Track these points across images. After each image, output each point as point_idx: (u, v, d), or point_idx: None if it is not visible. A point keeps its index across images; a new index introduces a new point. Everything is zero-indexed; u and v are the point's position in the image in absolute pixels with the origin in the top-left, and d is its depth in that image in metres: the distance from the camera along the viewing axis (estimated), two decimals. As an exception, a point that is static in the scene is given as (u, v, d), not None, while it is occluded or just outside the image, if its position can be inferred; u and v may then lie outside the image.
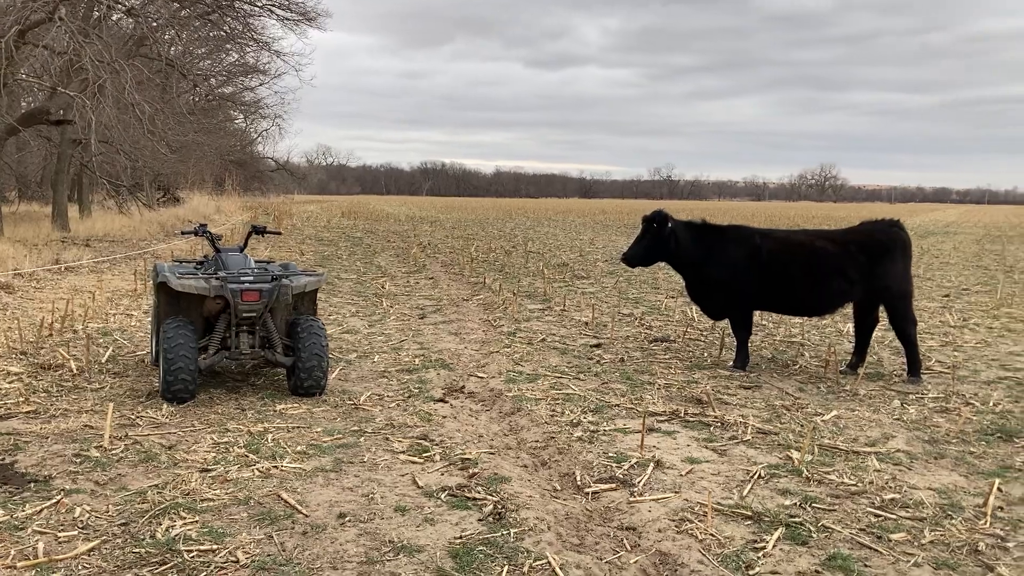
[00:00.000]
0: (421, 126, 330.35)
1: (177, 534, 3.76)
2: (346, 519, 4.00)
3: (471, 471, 4.69)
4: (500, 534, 3.84)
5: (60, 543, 3.66)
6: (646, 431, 5.32)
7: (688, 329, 9.45)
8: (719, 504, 4.25)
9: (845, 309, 7.75)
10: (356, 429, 5.46)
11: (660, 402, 6.25)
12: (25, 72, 17.39)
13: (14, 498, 4.13)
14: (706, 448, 5.22)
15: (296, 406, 5.94)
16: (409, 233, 26.86)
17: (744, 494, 4.41)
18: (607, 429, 5.56)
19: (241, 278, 6.06)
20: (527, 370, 7.28)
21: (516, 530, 3.87)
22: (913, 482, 4.63)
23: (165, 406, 5.78)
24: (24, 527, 3.80)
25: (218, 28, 24.22)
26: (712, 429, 5.60)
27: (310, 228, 28.52)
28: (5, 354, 7.19)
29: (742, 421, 5.72)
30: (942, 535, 3.91)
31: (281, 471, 4.62)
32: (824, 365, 7.50)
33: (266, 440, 5.14)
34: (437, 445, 5.15)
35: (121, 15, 19.94)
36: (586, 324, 9.74)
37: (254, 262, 6.82)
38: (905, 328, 7.12)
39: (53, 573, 3.40)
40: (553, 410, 5.99)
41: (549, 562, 3.56)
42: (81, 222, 23.12)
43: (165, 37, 22.25)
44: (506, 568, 3.52)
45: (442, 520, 4.00)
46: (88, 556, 3.55)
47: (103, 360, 7.19)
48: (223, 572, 3.45)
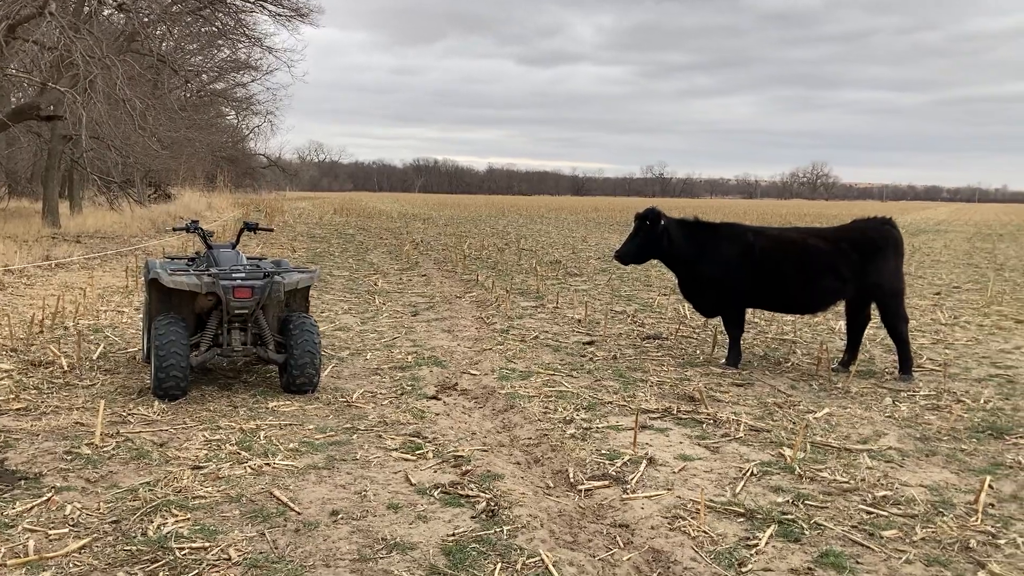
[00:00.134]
0: (414, 123, 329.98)
1: (169, 532, 3.74)
2: (339, 517, 3.99)
3: (464, 468, 4.68)
4: (493, 531, 3.84)
5: (51, 541, 3.64)
6: (639, 428, 5.32)
7: (680, 326, 9.46)
8: (712, 501, 4.25)
9: (837, 307, 7.77)
10: (349, 426, 5.45)
11: (653, 399, 6.26)
12: (15, 67, 17.28)
13: (4, 496, 4.11)
14: (699, 445, 5.22)
15: (288, 403, 5.92)
16: (402, 230, 26.82)
17: (737, 491, 4.42)
18: (600, 426, 5.56)
19: (233, 275, 6.03)
20: (520, 367, 7.27)
21: (509, 527, 3.87)
22: (905, 479, 4.64)
23: (157, 403, 5.75)
24: (14, 525, 3.78)
25: (210, 24, 24.13)
26: (704, 426, 5.61)
27: (302, 225, 28.45)
28: (-5, 351, 7.15)
29: (734, 418, 5.73)
30: (933, 532, 3.92)
31: (273, 468, 4.61)
32: (816, 363, 7.52)
33: (258, 437, 5.12)
34: (430, 442, 5.15)
35: (112, 10, 19.83)
36: (579, 321, 9.75)
37: (246, 259, 6.80)
38: (897, 326, 7.14)
39: (43, 571, 3.38)
40: (546, 407, 5.99)
41: (542, 559, 3.56)
42: (72, 218, 23.02)
43: (156, 32, 22.17)
44: (499, 566, 3.52)
45: (435, 517, 4.00)
46: (79, 554, 3.53)
47: (94, 357, 7.16)
48: (215, 570, 3.43)
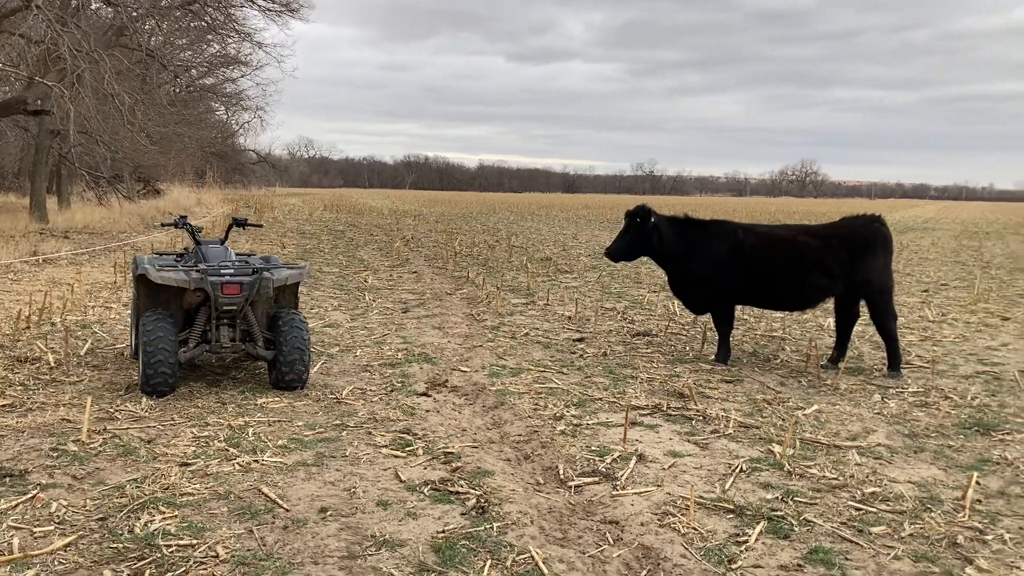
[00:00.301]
0: (404, 119, 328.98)
1: (156, 529, 3.72)
2: (327, 513, 3.97)
3: (454, 465, 4.67)
4: (483, 528, 3.83)
5: (36, 538, 3.61)
6: (629, 425, 5.32)
7: (670, 323, 9.47)
8: (701, 497, 4.26)
9: (826, 304, 7.79)
10: (338, 423, 5.43)
11: (642, 396, 6.26)
12: (1, 61, 17.15)
13: (-11, 493, 4.07)
14: (688, 442, 5.23)
15: (277, 400, 5.90)
16: (392, 227, 26.76)
17: (726, 487, 4.42)
18: (590, 423, 5.56)
19: (221, 271, 6.00)
20: (510, 364, 7.26)
21: (499, 524, 3.86)
22: (893, 476, 4.66)
23: (144, 400, 5.72)
24: (-1, 522, 3.74)
25: (199, 18, 23.99)
26: (694, 423, 5.61)
27: (292, 221, 28.35)
28: (-19, 347, 7.09)
29: (724, 415, 5.74)
30: (922, 528, 3.94)
31: (262, 465, 4.58)
32: (805, 359, 7.54)
33: (247, 434, 5.10)
34: (420, 439, 5.13)
35: (100, 4, 19.69)
36: (569, 318, 9.74)
37: (235, 255, 6.76)
38: (886, 323, 7.16)
39: (28, 569, 3.35)
40: (536, 404, 5.99)
41: (532, 556, 3.55)
42: (60, 214, 22.86)
43: (145, 27, 22.03)
44: (489, 562, 3.51)
45: (425, 514, 3.99)
46: (64, 551, 3.50)
47: (81, 353, 7.11)
48: (202, 567, 3.41)
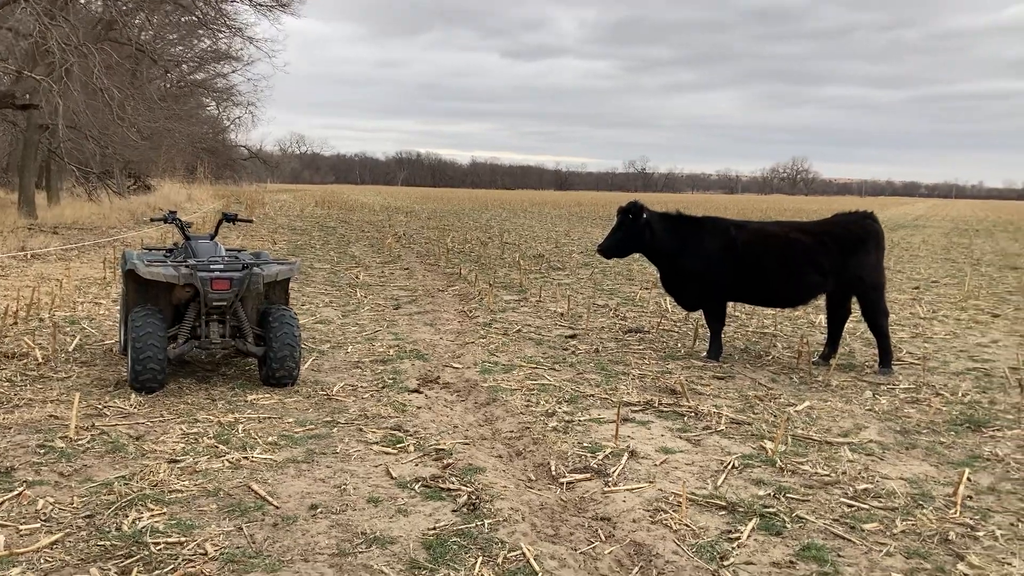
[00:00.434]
0: (396, 115, 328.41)
1: (144, 526, 3.68)
2: (318, 510, 3.94)
3: (445, 462, 4.65)
4: (474, 525, 3.81)
5: (21, 536, 3.57)
6: (620, 421, 5.31)
7: (662, 320, 9.47)
8: (693, 494, 4.25)
9: (818, 301, 7.79)
10: (329, 420, 5.40)
11: (634, 392, 6.25)
12: (-10, 55, 17.01)
13: (-25, 490, 4.03)
14: (680, 438, 5.22)
15: (268, 396, 5.86)
16: (384, 223, 26.70)
17: (718, 484, 4.41)
18: (582, 419, 5.54)
19: (211, 266, 5.96)
20: (502, 360, 7.24)
21: (490, 521, 3.84)
22: (885, 472, 4.66)
23: (133, 396, 5.67)
24: (-15, 519, 3.70)
25: (190, 13, 23.84)
26: (686, 419, 5.60)
27: (283, 217, 28.25)
28: (-32, 343, 7.03)
29: (716, 411, 5.73)
30: (913, 524, 3.93)
31: (252, 462, 4.55)
32: (797, 356, 7.54)
33: (236, 431, 5.06)
34: (411, 436, 5.11)
35: (89, -2, 19.56)
36: (561, 315, 9.73)
37: (225, 250, 6.72)
38: (877, 319, 7.17)
39: (14, 567, 3.31)
40: (528, 400, 5.97)
41: (523, 553, 3.53)
42: (49, 209, 22.70)
43: (135, 21, 21.89)
44: (480, 559, 3.49)
45: (416, 511, 3.96)
46: (51, 549, 3.46)
47: (70, 349, 7.05)
48: (191, 565, 3.38)
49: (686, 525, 3.87)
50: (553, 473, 4.57)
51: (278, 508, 3.95)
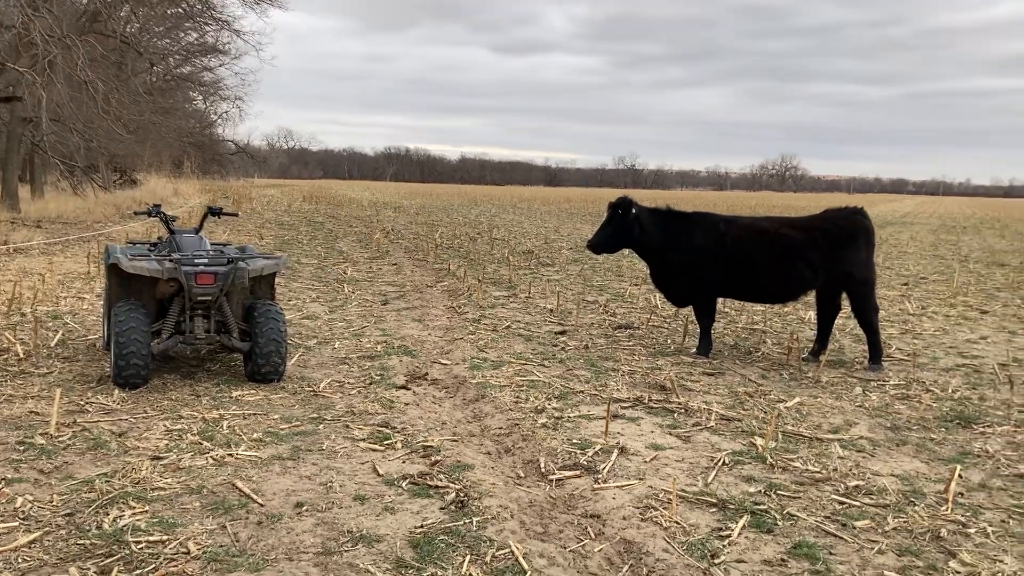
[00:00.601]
0: (385, 110, 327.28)
1: (125, 525, 3.61)
2: (303, 508, 3.88)
3: (433, 459, 4.59)
4: (462, 523, 3.75)
5: None
6: (610, 418, 5.26)
7: (652, 316, 9.43)
8: (683, 491, 4.20)
9: (807, 297, 7.77)
10: (315, 416, 5.33)
11: (624, 388, 6.20)
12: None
13: (-48, 488, 3.94)
14: (670, 435, 5.18)
15: (253, 393, 5.78)
16: (372, 218, 26.57)
17: (709, 481, 4.37)
18: (571, 416, 5.49)
19: (196, 260, 5.87)
20: (491, 357, 7.19)
21: (479, 518, 3.79)
22: (876, 469, 4.63)
23: (116, 392, 5.59)
24: (-38, 518, 3.62)
25: (176, 5, 23.66)
26: (676, 415, 5.56)
27: (270, 212, 28.07)
28: (-53, 338, 6.91)
29: (706, 407, 5.70)
30: (905, 522, 3.90)
31: (236, 459, 4.48)
32: (786, 352, 7.52)
33: (221, 427, 4.99)
34: (399, 432, 5.04)
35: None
36: (551, 311, 9.68)
37: (210, 245, 6.63)
38: (867, 315, 7.15)
39: (-9, 566, 3.24)
40: (517, 397, 5.92)
41: (512, 551, 3.48)
42: (33, 203, 22.46)
43: (120, 14, 21.68)
44: (468, 558, 3.43)
45: (403, 509, 3.90)
46: (29, 548, 3.39)
47: (52, 344, 6.95)
48: (172, 564, 3.31)
49: (676, 522, 3.83)
50: (542, 470, 4.52)
51: (263, 506, 3.89)
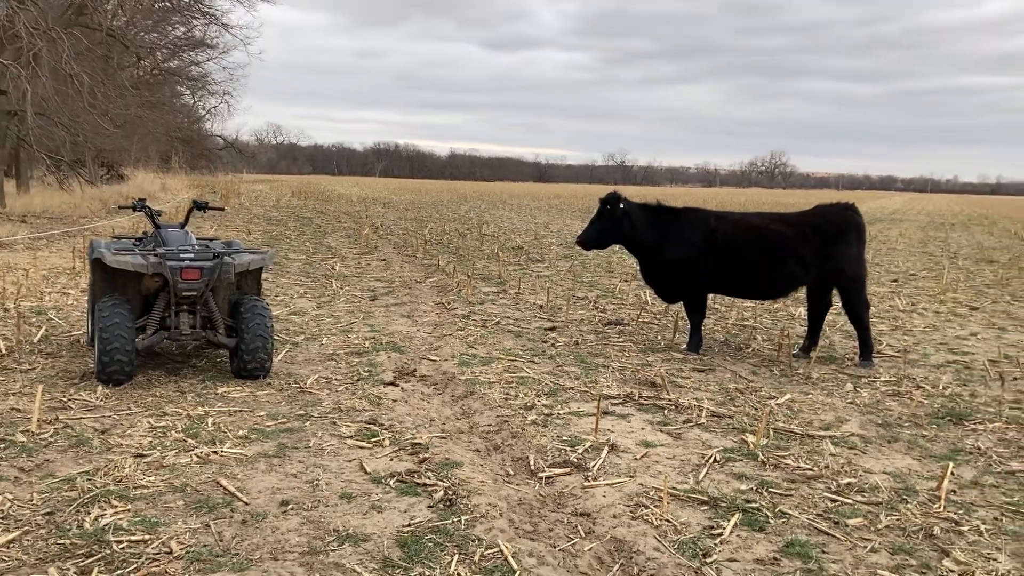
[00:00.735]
0: (374, 106, 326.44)
1: (107, 524, 3.54)
2: (288, 507, 3.81)
3: (421, 456, 4.53)
4: (451, 521, 3.69)
5: (-23, 535, 3.42)
6: (600, 414, 5.22)
7: (642, 312, 9.39)
8: (674, 489, 4.16)
9: (798, 293, 7.74)
10: (302, 413, 5.26)
11: (614, 385, 6.16)
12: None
13: (-71, 486, 3.86)
14: (660, 431, 5.13)
15: (239, 389, 5.71)
16: (361, 214, 26.45)
17: (700, 478, 4.33)
18: (561, 412, 5.44)
19: (181, 255, 5.79)
20: (481, 353, 7.13)
21: (467, 517, 3.73)
22: (868, 466, 4.60)
23: (100, 388, 5.50)
24: (-62, 518, 3.54)
25: (163, -1, 23.46)
26: (666, 412, 5.52)
27: (259, 207, 27.90)
28: (-72, 333, 6.80)
29: (696, 404, 5.66)
30: (898, 520, 3.87)
31: (221, 457, 4.41)
32: (777, 348, 7.50)
33: (206, 424, 4.91)
34: (387, 429, 4.98)
35: (60, -18, 19.14)
36: (541, 307, 9.63)
37: (196, 239, 6.55)
38: (858, 312, 7.13)
39: (-32, 567, 3.16)
40: (507, 393, 5.86)
41: (501, 550, 3.43)
42: (18, 197, 22.23)
43: (107, 7, 21.47)
44: (456, 557, 3.38)
45: (390, 507, 3.84)
46: (7, 548, 3.31)
47: (35, 340, 6.85)
48: (154, 564, 3.24)
49: (667, 521, 3.78)
50: (532, 468, 4.47)
51: (247, 504, 3.82)
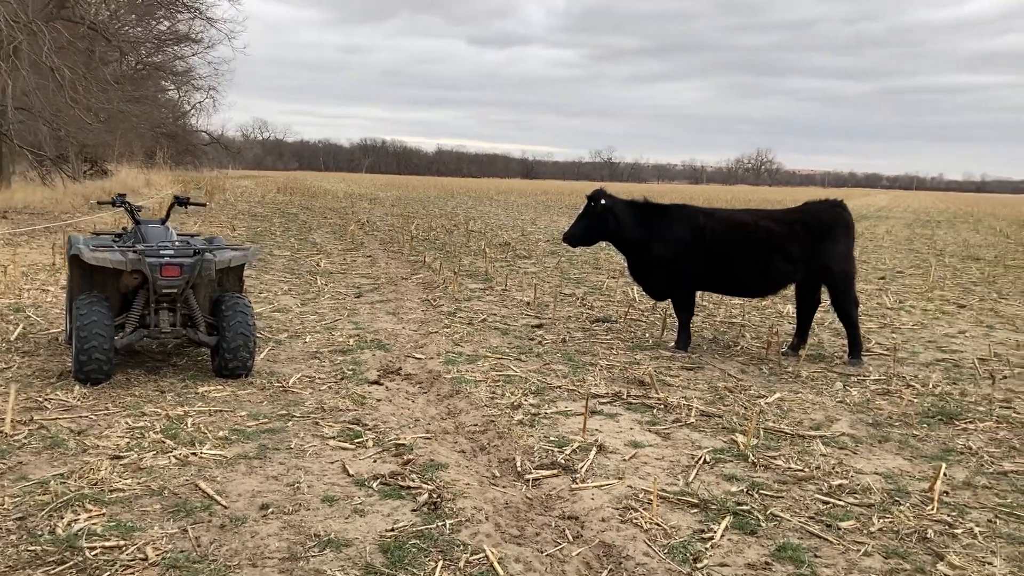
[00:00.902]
0: (361, 102, 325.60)
1: (80, 529, 3.43)
2: (269, 511, 3.71)
3: (406, 458, 4.44)
4: (435, 526, 3.60)
5: (-56, 541, 3.30)
6: (588, 414, 5.14)
7: (630, 310, 9.33)
8: (664, 491, 4.09)
9: (786, 291, 7.69)
10: (284, 413, 5.15)
11: (602, 384, 6.08)
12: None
13: None
14: (649, 431, 5.06)
15: (220, 388, 5.59)
16: (347, 210, 26.28)
17: (689, 480, 4.26)
18: (548, 412, 5.36)
19: (161, 252, 5.67)
20: (467, 351, 7.04)
21: (452, 521, 3.64)
22: (859, 467, 4.54)
23: (77, 387, 5.38)
24: (-96, 524, 3.42)
25: (147, -8, 23.18)
26: (655, 411, 5.45)
27: (244, 203, 27.66)
28: (-99, 331, 6.65)
29: (685, 403, 5.59)
30: (891, 522, 3.81)
31: (200, 458, 4.30)
32: (766, 347, 7.44)
33: (185, 425, 4.80)
34: (370, 430, 4.88)
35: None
36: (528, 304, 9.54)
37: (177, 235, 6.42)
38: (847, 309, 7.08)
39: (-67, 576, 3.05)
40: (493, 392, 5.77)
41: (487, 556, 3.34)
42: (-1, 193, 21.94)
43: (90, 0, 21.21)
44: (440, 563, 3.29)
45: (373, 511, 3.75)
46: (-25, 556, 3.20)
47: (12, 338, 6.71)
48: (129, 571, 3.14)
49: (657, 524, 3.71)
50: (518, 469, 4.38)
51: (226, 508, 3.72)
